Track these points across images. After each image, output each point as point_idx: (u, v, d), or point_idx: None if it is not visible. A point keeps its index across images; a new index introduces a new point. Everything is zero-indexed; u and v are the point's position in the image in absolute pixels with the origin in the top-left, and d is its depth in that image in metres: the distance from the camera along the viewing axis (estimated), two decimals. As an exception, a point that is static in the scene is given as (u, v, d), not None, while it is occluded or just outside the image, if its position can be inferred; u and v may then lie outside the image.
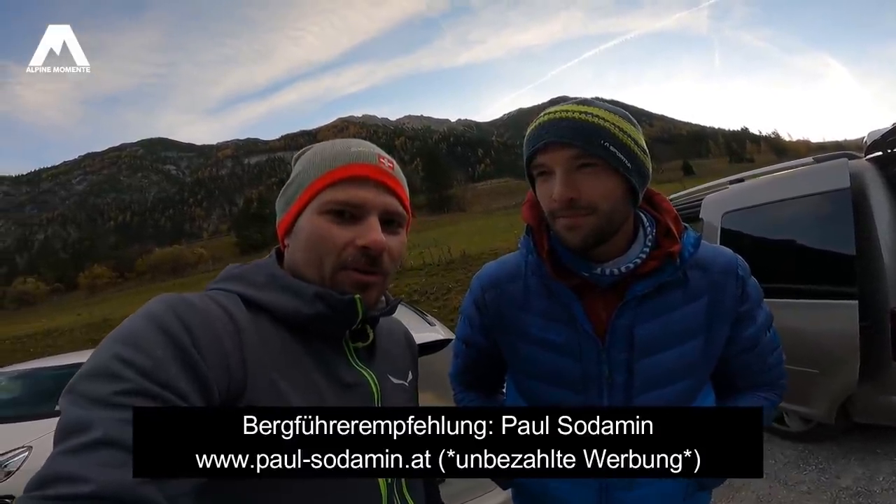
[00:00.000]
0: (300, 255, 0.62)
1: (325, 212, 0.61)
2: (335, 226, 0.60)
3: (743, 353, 0.88)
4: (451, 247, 18.33)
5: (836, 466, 2.72)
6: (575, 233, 0.75)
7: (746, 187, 3.26)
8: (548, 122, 0.74)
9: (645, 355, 0.80)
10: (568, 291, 0.82)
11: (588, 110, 0.73)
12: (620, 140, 0.72)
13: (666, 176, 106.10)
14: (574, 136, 0.71)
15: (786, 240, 2.86)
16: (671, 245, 0.79)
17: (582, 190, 0.73)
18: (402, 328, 0.87)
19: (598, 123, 0.71)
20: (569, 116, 0.72)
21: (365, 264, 0.61)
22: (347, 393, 0.62)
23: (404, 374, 0.76)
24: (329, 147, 0.66)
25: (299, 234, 0.63)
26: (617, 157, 0.71)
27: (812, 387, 2.60)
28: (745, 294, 0.84)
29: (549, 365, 0.86)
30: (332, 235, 0.60)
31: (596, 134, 0.71)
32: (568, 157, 0.72)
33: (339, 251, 0.60)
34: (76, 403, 0.43)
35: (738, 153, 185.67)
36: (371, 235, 0.60)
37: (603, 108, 0.74)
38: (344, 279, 0.61)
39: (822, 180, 2.63)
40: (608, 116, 0.73)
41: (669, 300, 0.80)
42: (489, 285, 0.93)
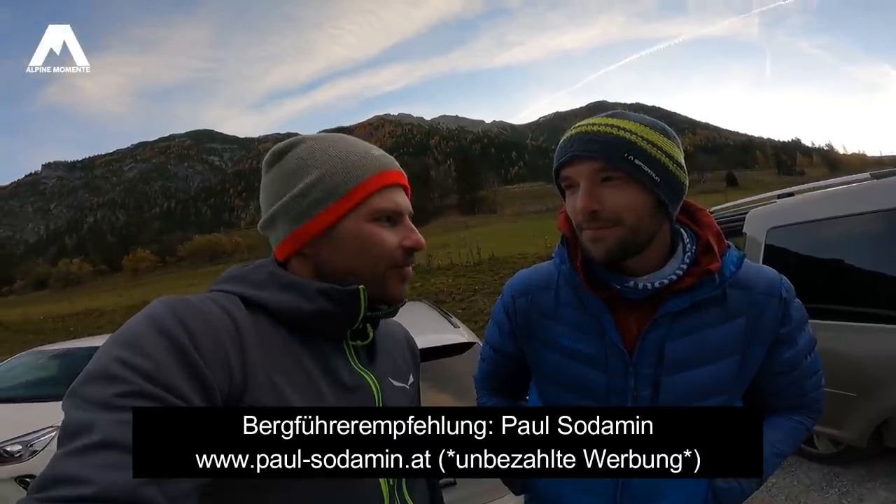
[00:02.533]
0: (344, 261, 0.64)
1: (376, 219, 0.64)
2: (385, 230, 0.65)
3: (779, 375, 0.86)
4: (479, 248, 18.25)
5: (861, 490, 2.64)
6: (599, 245, 0.75)
7: (796, 202, 3.08)
8: (574, 135, 0.75)
9: (674, 372, 0.79)
10: (600, 303, 0.81)
11: (615, 123, 0.73)
12: (648, 153, 0.71)
13: (709, 187, 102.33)
14: (598, 149, 0.72)
15: (834, 259, 2.70)
16: (710, 262, 0.77)
17: (604, 202, 0.73)
18: (403, 331, 0.87)
19: (623, 136, 0.71)
20: (594, 130, 0.73)
21: (409, 261, 0.68)
22: (348, 394, 0.62)
23: (405, 376, 0.77)
24: (350, 153, 0.65)
25: (343, 241, 0.63)
26: (642, 171, 0.71)
27: (848, 410, 2.50)
28: (786, 316, 0.82)
29: (574, 375, 0.85)
30: (386, 240, 0.64)
31: (620, 147, 0.71)
32: (591, 170, 0.73)
33: (392, 253, 0.65)
34: (78, 406, 0.44)
35: (787, 165, 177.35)
36: (414, 237, 0.67)
37: (634, 121, 0.74)
38: (393, 276, 0.66)
39: (880, 198, 2.48)
40: (636, 129, 0.72)
41: (705, 318, 0.79)
42: (520, 292, 0.94)
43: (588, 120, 0.77)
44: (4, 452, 2.85)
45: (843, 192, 2.81)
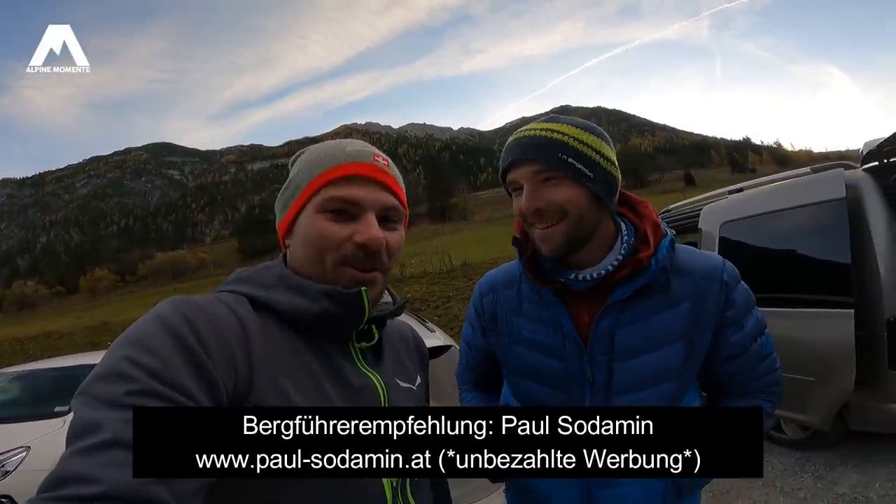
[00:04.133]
0: (300, 254, 0.64)
1: (323, 210, 0.62)
2: (333, 223, 0.61)
3: (729, 359, 0.88)
4: (452, 256, 18.34)
5: (833, 473, 2.74)
6: (549, 242, 0.81)
7: (744, 197, 3.29)
8: (514, 141, 0.82)
9: (624, 358, 0.83)
10: (551, 296, 0.87)
11: (550, 127, 0.80)
12: (580, 152, 0.78)
13: (668, 186, 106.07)
14: (535, 152, 0.78)
15: (783, 249, 2.89)
16: (645, 251, 0.82)
17: (546, 200, 0.79)
18: (410, 331, 0.87)
19: (557, 139, 0.78)
20: (531, 134, 0.80)
21: (363, 261, 0.62)
22: (353, 395, 0.62)
23: (412, 377, 0.77)
24: (325, 147, 0.67)
25: (298, 233, 0.64)
26: (576, 168, 0.77)
27: (808, 395, 2.62)
28: (729, 300, 0.85)
29: (536, 364, 0.91)
30: (330, 233, 0.61)
31: (555, 148, 0.77)
32: (532, 171, 0.79)
33: (337, 248, 0.61)
34: (87, 404, 0.44)
35: (740, 163, 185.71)
36: (369, 232, 0.61)
37: (567, 124, 0.80)
38: (343, 276, 0.62)
39: (818, 190, 2.67)
40: (569, 131, 0.79)
41: (650, 305, 0.83)
42: (487, 290, 1.01)
43: (526, 126, 0.83)
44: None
45: (787, 185, 3.01)
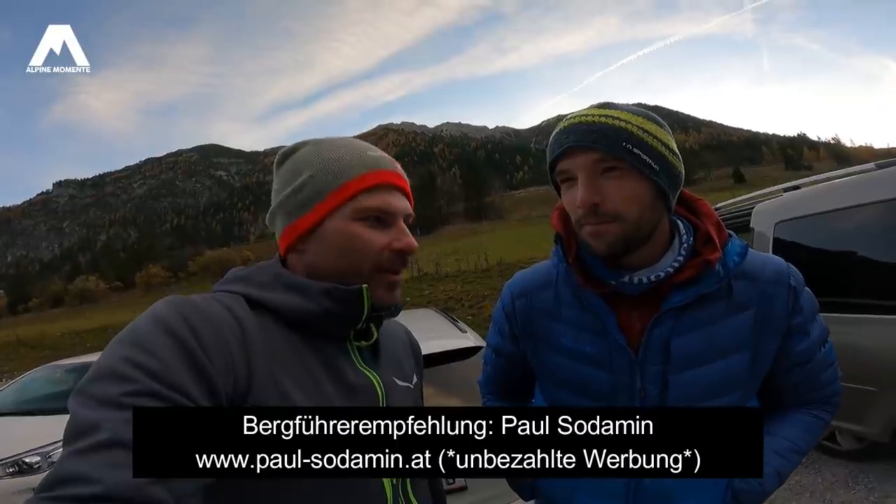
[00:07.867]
0: (329, 259, 0.63)
1: (359, 218, 0.62)
2: (372, 231, 0.63)
3: (794, 368, 0.82)
4: (487, 254, 18.24)
5: (887, 486, 2.59)
6: (601, 240, 0.72)
7: (802, 195, 3.06)
8: (568, 127, 0.72)
9: (682, 369, 0.76)
10: (599, 301, 0.79)
11: (608, 113, 0.71)
12: (645, 141, 0.69)
13: (715, 184, 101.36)
14: (595, 139, 0.69)
15: (845, 251, 2.67)
16: (711, 253, 0.74)
17: (606, 195, 0.70)
18: (404, 331, 0.86)
19: (620, 125, 0.69)
20: (588, 120, 0.70)
21: (398, 266, 0.65)
22: (352, 394, 0.62)
23: (409, 377, 0.77)
24: (343, 151, 0.65)
25: (328, 239, 0.63)
26: (641, 159, 0.69)
27: (868, 404, 2.45)
28: (797, 306, 0.78)
29: (577, 375, 0.83)
30: (370, 240, 0.63)
31: (617, 136, 0.68)
32: (590, 161, 0.70)
33: (378, 254, 0.63)
34: (85, 405, 0.44)
35: (794, 160, 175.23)
36: (405, 240, 0.65)
37: (625, 110, 0.71)
38: (380, 281, 0.64)
39: (884, 187, 2.45)
40: (630, 118, 0.70)
41: (712, 312, 0.76)
42: (519, 293, 0.92)
43: (581, 110, 0.73)
44: (24, 464, 2.92)
45: (849, 183, 2.78)
